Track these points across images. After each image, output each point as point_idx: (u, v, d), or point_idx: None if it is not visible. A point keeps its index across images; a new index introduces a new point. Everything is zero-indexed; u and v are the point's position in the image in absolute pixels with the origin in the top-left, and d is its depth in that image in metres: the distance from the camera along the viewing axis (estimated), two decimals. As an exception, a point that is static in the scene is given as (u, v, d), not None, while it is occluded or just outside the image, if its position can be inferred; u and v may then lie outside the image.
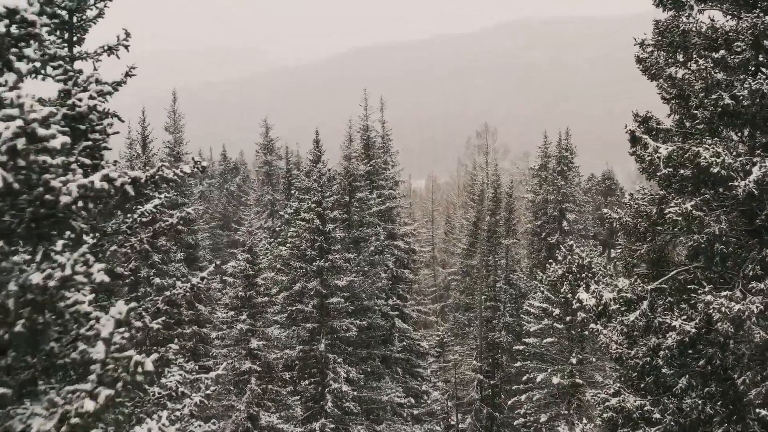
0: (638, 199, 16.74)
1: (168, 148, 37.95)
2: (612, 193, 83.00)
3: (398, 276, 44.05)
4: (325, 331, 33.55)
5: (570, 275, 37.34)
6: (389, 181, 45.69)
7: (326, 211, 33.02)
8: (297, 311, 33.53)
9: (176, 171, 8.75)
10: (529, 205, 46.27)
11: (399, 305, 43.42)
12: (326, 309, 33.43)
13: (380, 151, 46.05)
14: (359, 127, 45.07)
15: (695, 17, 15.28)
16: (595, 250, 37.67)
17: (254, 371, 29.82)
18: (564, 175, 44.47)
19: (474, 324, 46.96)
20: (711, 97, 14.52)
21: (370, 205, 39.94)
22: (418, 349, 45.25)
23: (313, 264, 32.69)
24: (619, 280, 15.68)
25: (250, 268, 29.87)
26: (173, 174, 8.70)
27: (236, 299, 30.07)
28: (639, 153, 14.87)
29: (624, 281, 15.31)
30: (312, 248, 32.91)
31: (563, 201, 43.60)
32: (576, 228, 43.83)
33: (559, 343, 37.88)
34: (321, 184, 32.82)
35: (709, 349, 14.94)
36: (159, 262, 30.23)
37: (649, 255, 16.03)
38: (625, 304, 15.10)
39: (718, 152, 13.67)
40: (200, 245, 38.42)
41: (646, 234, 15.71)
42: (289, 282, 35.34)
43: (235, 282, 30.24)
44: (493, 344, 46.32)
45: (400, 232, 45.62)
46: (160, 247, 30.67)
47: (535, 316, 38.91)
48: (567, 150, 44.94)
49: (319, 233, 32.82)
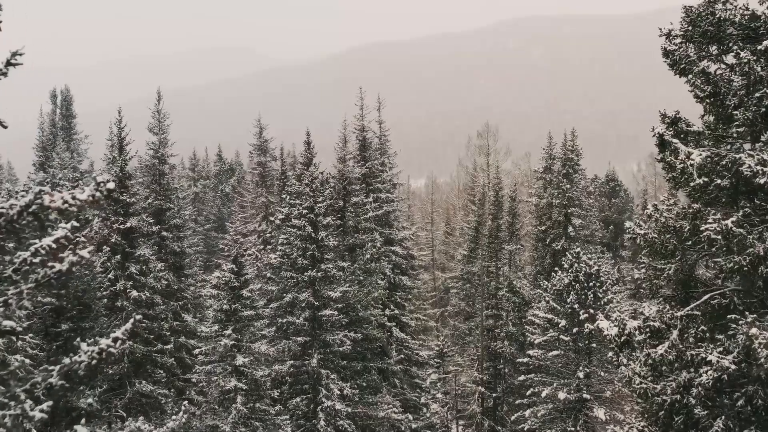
0: (664, 212, 14.70)
1: (152, 150, 35.88)
2: (616, 195, 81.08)
3: (396, 283, 42.10)
4: (317, 344, 31.54)
5: (577, 284, 35.39)
6: (386, 183, 43.72)
7: (319, 218, 31.00)
8: (288, 324, 31.52)
9: (67, 198, 6.67)
10: (533, 209, 44.21)
11: (397, 314, 41.49)
12: (319, 321, 31.42)
13: (377, 152, 44.07)
14: (355, 127, 43.11)
15: (733, 3, 13.26)
16: (603, 258, 35.64)
17: (240, 390, 27.82)
18: (569, 177, 42.35)
19: (475, 333, 44.96)
20: (753, 96, 12.52)
21: (366, 210, 37.97)
22: (417, 359, 43.35)
23: (305, 274, 30.67)
24: (644, 305, 13.66)
25: (235, 280, 27.86)
26: (63, 202, 6.64)
27: (220, 312, 28.05)
28: (668, 159, 12.85)
29: (650, 307, 13.30)
30: (303, 257, 30.89)
31: (569, 205, 41.51)
32: (582, 234, 41.78)
33: (566, 355, 35.91)
34: (313, 188, 30.81)
35: (750, 387, 12.93)
36: (137, 273, 28.19)
37: (677, 275, 14.01)
38: (652, 335, 13.08)
39: (764, 160, 11.66)
40: (186, 252, 36.37)
41: (675, 252, 13.68)
42: (279, 292, 33.33)
43: (219, 294, 28.21)
44: (495, 354, 44.33)
45: (398, 237, 43.63)
46: (138, 257, 28.63)
47: (540, 327, 36.91)
48: (572, 151, 42.82)
49: (310, 241, 30.80)
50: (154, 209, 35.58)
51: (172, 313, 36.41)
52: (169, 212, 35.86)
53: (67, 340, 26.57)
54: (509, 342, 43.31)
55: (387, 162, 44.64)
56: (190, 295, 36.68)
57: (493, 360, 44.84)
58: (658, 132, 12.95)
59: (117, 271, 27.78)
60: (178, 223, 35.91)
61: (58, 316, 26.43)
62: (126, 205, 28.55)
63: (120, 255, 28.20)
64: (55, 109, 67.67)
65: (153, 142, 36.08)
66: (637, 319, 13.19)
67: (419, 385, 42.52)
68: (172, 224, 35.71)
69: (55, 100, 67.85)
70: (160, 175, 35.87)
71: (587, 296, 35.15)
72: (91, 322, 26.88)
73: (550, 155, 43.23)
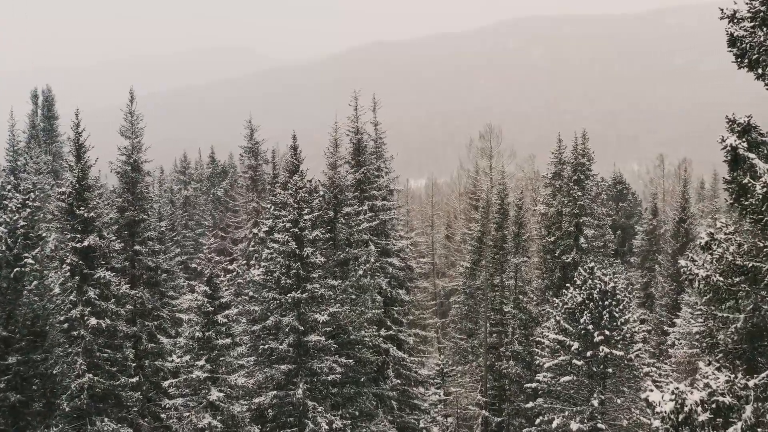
0: (722, 242, 11.46)
1: (124, 155, 32.68)
2: (623, 198, 77.80)
3: (393, 297, 38.95)
4: (303, 373, 28.33)
5: (591, 303, 32.18)
6: (383, 190, 40.56)
7: (304, 232, 27.79)
8: (270, 350, 28.30)
9: None
10: (541, 219, 40.92)
11: (394, 331, 38.35)
12: (305, 347, 28.22)
13: (372, 156, 40.90)
14: (348, 129, 39.94)
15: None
16: (620, 275, 32.44)
17: (215, 427, 24.63)
18: (581, 184, 38.93)
19: (478, 351, 41.72)
20: None
21: (359, 221, 34.75)
22: (416, 378, 40.26)
23: (288, 295, 27.46)
24: (707, 370, 10.45)
25: (209, 304, 24.67)
26: None
27: (192, 341, 24.85)
28: (743, 181, 9.65)
29: (716, 376, 10.08)
30: (287, 276, 27.68)
31: (580, 214, 38.11)
32: (595, 245, 38.46)
33: (578, 380, 32.70)
34: (298, 199, 27.61)
35: None
36: (96, 297, 24.92)
37: (747, 328, 10.81)
38: (720, 413, 9.86)
39: None
40: (163, 267, 33.18)
41: (747, 298, 10.47)
42: (263, 312, 30.06)
43: (191, 320, 25.01)
44: (499, 374, 41.12)
45: (395, 248, 40.45)
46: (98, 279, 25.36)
47: (550, 349, 33.67)
48: (584, 156, 39.36)
49: (294, 258, 27.58)
50: (126, 221, 32.44)
51: (148, 334, 33.32)
52: (143, 224, 32.68)
53: (16, 375, 23.42)
54: (515, 361, 40.09)
55: (383, 167, 41.50)
56: (167, 314, 33.53)
57: (497, 380, 41.64)
58: (730, 144, 9.75)
59: (74, 295, 24.54)
60: (152, 235, 32.70)
61: (6, 347, 23.26)
62: (84, 220, 25.32)
63: (78, 277, 24.96)
64: (36, 110, 64.43)
65: (125, 147, 32.88)
66: (700, 392, 9.96)
67: (418, 407, 39.46)
68: (146, 237, 32.52)
69: (36, 101, 64.64)
70: (133, 183, 32.67)
71: (602, 316, 31.96)
72: (44, 354, 23.72)
73: (559, 160, 39.86)
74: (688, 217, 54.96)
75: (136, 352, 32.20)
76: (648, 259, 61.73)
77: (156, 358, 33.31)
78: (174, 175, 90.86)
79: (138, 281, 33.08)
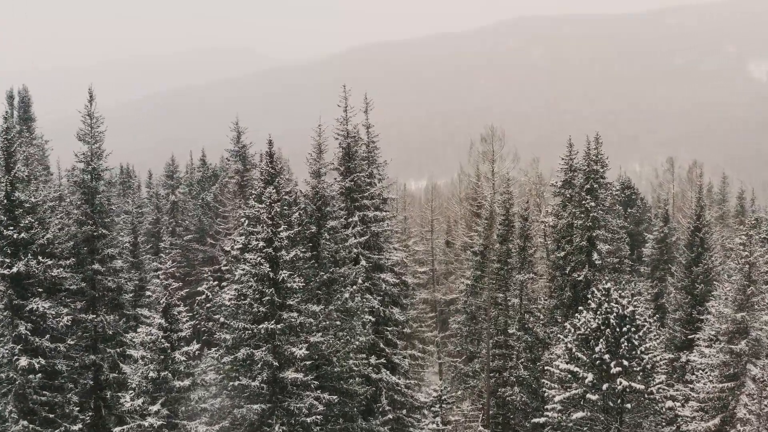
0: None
1: (83, 162, 29.04)
2: (632, 204, 74.02)
3: (386, 317, 35.42)
4: (279, 413, 24.68)
5: (607, 329, 28.50)
6: (375, 199, 36.98)
7: (280, 252, 24.14)
8: (242, 387, 24.64)
9: None
10: (550, 231, 37.15)
11: (387, 354, 34.78)
12: (280, 385, 24.57)
13: (364, 162, 37.36)
14: (337, 133, 36.36)
15: None
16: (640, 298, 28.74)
17: (172, 484, 21.02)
18: (594, 194, 34.93)
19: (480, 376, 38.05)
20: None
21: (346, 236, 31.09)
22: (412, 404, 36.73)
23: (261, 325, 23.80)
24: None
25: (164, 339, 21.04)
26: None
27: (146, 381, 21.21)
28: None
29: None
30: (260, 303, 24.01)
31: (593, 227, 34.15)
32: (610, 262, 34.58)
33: (593, 416, 29.00)
34: (272, 214, 23.94)
35: None
36: (29, 333, 21.21)
37: None
38: None
39: None
40: (124, 288, 29.53)
41: None
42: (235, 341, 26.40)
43: (144, 357, 21.35)
44: (503, 401, 37.43)
45: (389, 263, 36.84)
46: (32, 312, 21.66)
47: (560, 380, 29.96)
48: (597, 162, 35.40)
49: (268, 283, 23.94)
50: (84, 237, 28.80)
51: (110, 362, 29.72)
52: (103, 240, 29.02)
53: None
54: (520, 387, 36.40)
55: (376, 173, 37.96)
56: (129, 339, 29.91)
57: (500, 407, 37.93)
58: None
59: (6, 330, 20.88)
60: (113, 253, 29.04)
61: None
62: (14, 242, 21.67)
63: (9, 310, 21.30)
64: (12, 111, 60.83)
65: (84, 153, 29.23)
66: None
67: (414, 436, 35.94)
68: (106, 255, 28.87)
69: (12, 102, 61.11)
70: (92, 193, 29.00)
71: (620, 344, 28.29)
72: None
73: (570, 166, 35.96)
74: (703, 225, 51.08)
75: (96, 383, 28.63)
76: (659, 269, 58.12)
77: (120, 388, 29.71)
78: (161, 179, 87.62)
79: (98, 303, 29.46)
